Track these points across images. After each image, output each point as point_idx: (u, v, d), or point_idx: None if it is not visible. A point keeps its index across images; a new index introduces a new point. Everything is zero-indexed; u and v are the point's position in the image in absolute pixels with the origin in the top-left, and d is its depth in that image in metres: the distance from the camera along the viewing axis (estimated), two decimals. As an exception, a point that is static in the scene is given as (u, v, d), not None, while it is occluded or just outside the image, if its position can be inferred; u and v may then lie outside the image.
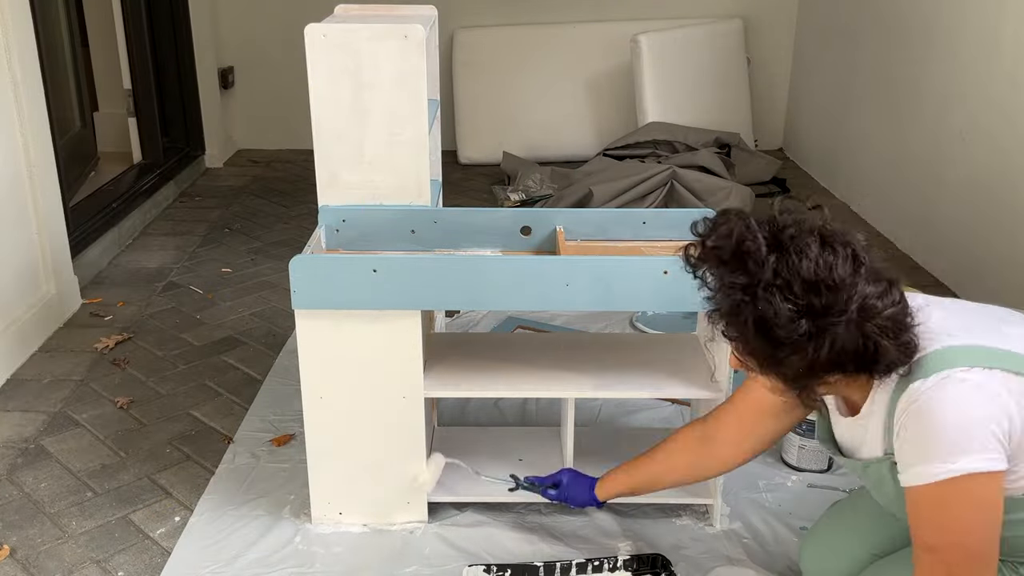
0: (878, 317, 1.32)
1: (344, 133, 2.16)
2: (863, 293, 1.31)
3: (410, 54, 2.09)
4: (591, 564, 1.98)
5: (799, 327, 1.31)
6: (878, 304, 1.32)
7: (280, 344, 3.09)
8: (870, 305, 1.32)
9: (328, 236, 2.23)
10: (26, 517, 2.22)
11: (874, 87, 4.26)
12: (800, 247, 1.32)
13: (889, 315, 1.33)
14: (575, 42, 5.30)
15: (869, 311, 1.32)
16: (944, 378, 1.33)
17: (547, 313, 3.22)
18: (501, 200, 4.53)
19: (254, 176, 5.17)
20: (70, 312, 3.33)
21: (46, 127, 3.19)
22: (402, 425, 2.06)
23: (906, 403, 1.37)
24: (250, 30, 5.41)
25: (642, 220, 2.26)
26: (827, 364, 1.34)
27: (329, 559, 2.05)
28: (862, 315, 1.31)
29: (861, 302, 1.31)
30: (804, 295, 1.30)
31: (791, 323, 1.31)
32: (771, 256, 1.33)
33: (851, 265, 1.32)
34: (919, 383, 1.35)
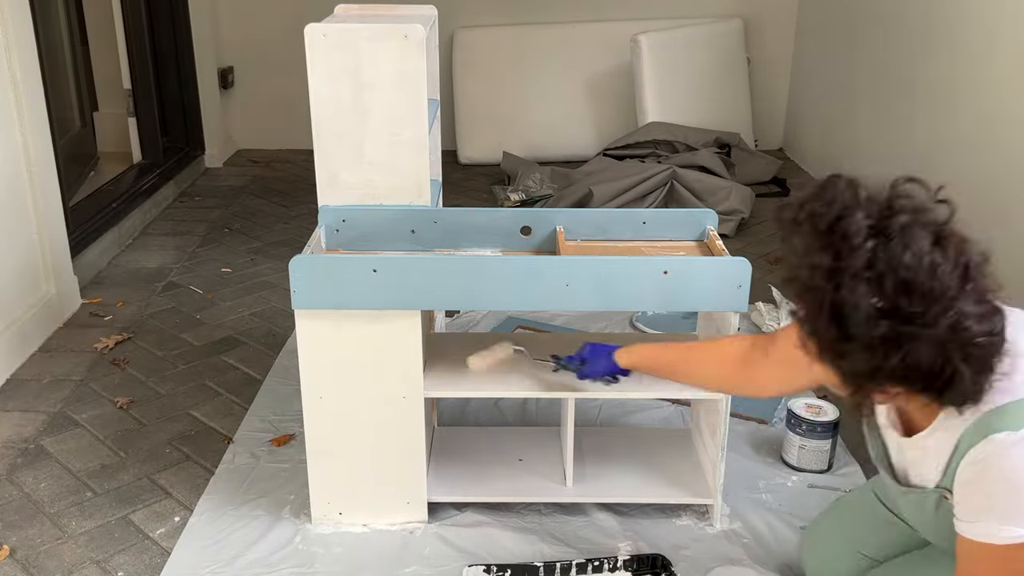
0: (968, 343, 1.18)
1: (344, 133, 2.15)
2: (961, 311, 1.16)
3: (410, 54, 2.09)
4: (591, 564, 1.98)
5: (876, 327, 1.16)
6: (972, 327, 1.17)
7: (280, 344, 3.09)
8: (964, 327, 1.17)
9: (328, 236, 2.23)
10: (26, 517, 2.22)
11: (874, 87, 4.26)
12: (908, 240, 1.16)
13: (981, 344, 1.18)
14: (575, 42, 5.29)
15: (960, 332, 1.17)
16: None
17: (547, 313, 3.22)
18: (501, 200, 4.53)
19: (254, 176, 5.17)
20: (70, 312, 3.33)
21: (46, 127, 3.19)
22: (402, 425, 2.06)
23: (984, 452, 1.26)
24: (250, 30, 5.41)
25: (642, 220, 2.26)
26: (893, 374, 1.20)
27: (329, 559, 2.05)
28: (951, 334, 1.17)
29: (955, 320, 1.16)
30: (894, 294, 1.15)
31: (869, 321, 1.16)
32: (869, 242, 1.16)
33: (958, 276, 1.16)
34: (1005, 435, 1.23)
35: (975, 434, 1.27)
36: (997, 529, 1.25)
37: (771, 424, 2.58)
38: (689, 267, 1.94)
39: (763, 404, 2.65)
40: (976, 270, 1.19)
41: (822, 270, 1.18)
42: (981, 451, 1.26)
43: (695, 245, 2.24)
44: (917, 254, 1.15)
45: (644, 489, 2.18)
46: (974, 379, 1.20)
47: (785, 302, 3.11)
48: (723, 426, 2.05)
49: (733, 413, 2.46)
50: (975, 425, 1.27)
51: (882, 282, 1.15)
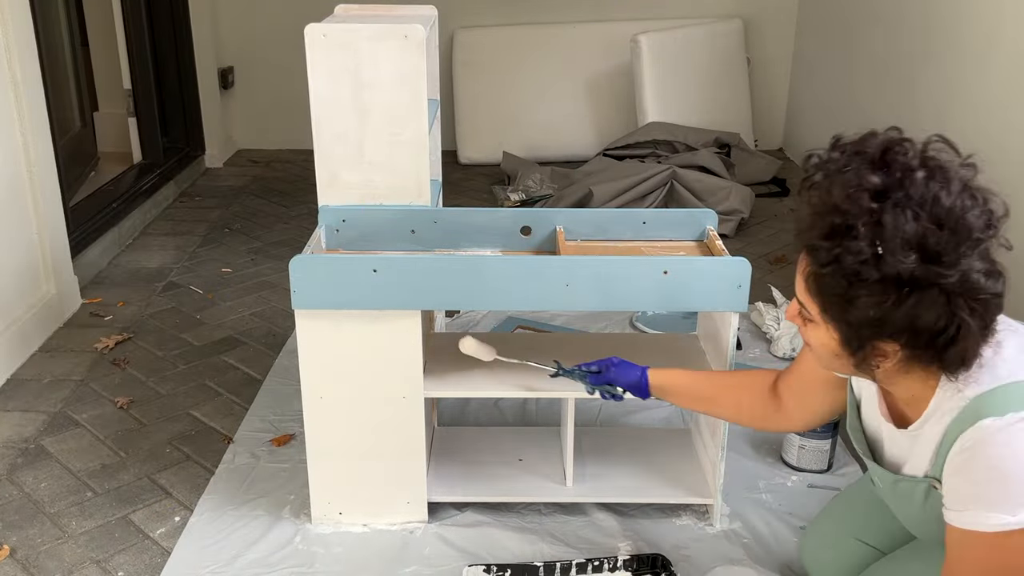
0: (975, 296, 1.19)
1: (344, 133, 2.16)
2: (973, 264, 1.18)
3: (410, 54, 2.09)
4: (591, 564, 1.98)
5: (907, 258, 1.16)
6: (982, 281, 1.19)
7: (280, 344, 3.09)
8: (974, 279, 1.18)
9: (328, 236, 2.23)
10: (26, 517, 2.22)
11: (874, 87, 4.26)
12: (947, 178, 1.19)
13: (986, 300, 1.20)
14: (575, 42, 5.29)
15: (971, 285, 1.18)
16: (1020, 420, 1.23)
17: (547, 313, 3.22)
18: (501, 200, 4.53)
19: (254, 176, 5.17)
20: (70, 312, 3.33)
21: (46, 127, 3.19)
22: (402, 425, 2.06)
23: (972, 439, 1.26)
24: (250, 30, 5.41)
25: (642, 220, 2.26)
26: (898, 325, 1.21)
27: (329, 559, 2.05)
28: (961, 284, 1.18)
29: (967, 271, 1.18)
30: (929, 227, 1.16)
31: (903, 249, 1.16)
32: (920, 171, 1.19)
33: (984, 222, 1.19)
34: (991, 421, 1.24)
35: (963, 421, 1.28)
36: (985, 517, 1.25)
37: (771, 424, 2.58)
38: (689, 267, 1.94)
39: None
40: (998, 220, 1.22)
41: (870, 188, 1.19)
42: (969, 438, 1.27)
43: (695, 245, 2.24)
44: (952, 193, 1.18)
45: (644, 489, 2.18)
46: (976, 337, 1.22)
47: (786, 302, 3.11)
48: (723, 426, 2.05)
49: (733, 413, 2.46)
50: (963, 412, 1.28)
51: (921, 212, 1.17)
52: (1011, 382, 1.25)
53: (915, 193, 1.18)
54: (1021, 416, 1.23)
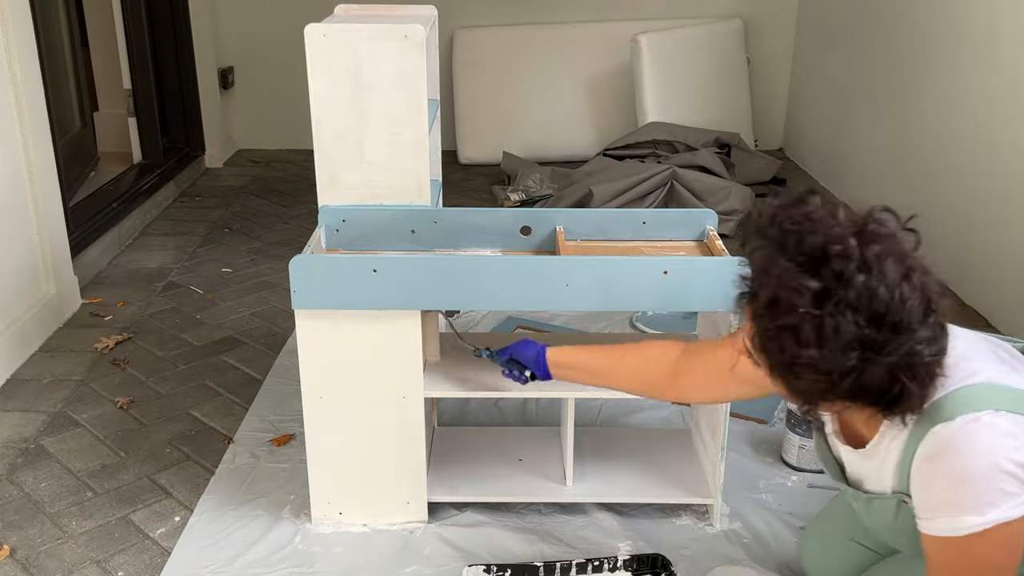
0: (918, 364, 1.21)
1: (344, 133, 2.16)
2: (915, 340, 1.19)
3: (410, 54, 2.09)
4: (591, 564, 1.98)
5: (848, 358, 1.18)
6: (924, 351, 1.20)
7: (280, 344, 3.09)
8: (916, 351, 1.20)
9: (328, 236, 2.23)
10: (26, 517, 2.22)
11: (874, 87, 4.26)
12: (883, 271, 1.18)
13: (929, 363, 1.22)
14: (575, 42, 5.30)
15: (913, 358, 1.20)
16: (970, 422, 1.25)
17: (547, 313, 3.22)
18: (501, 200, 4.53)
19: (254, 176, 5.17)
20: (70, 312, 3.33)
21: (46, 127, 3.19)
22: (402, 425, 2.06)
23: (929, 448, 1.29)
24: (250, 30, 5.41)
25: (642, 220, 2.26)
26: (843, 393, 1.23)
27: (329, 559, 2.05)
28: (905, 359, 1.20)
29: (911, 346, 1.19)
30: (867, 324, 1.18)
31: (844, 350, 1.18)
32: (860, 275, 1.18)
33: (922, 311, 1.19)
34: (941, 427, 1.27)
35: (919, 433, 1.30)
36: (955, 522, 1.26)
37: (771, 424, 2.58)
38: (689, 267, 1.94)
39: (763, 404, 2.65)
40: (936, 303, 1.22)
41: (809, 292, 1.19)
42: (926, 448, 1.29)
43: (695, 245, 2.24)
44: (891, 287, 1.18)
45: (644, 489, 2.18)
46: (919, 394, 1.24)
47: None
48: (723, 426, 2.05)
49: (733, 413, 2.46)
50: (918, 425, 1.30)
51: (860, 315, 1.18)
52: (958, 387, 1.27)
53: (852, 296, 1.17)
54: (970, 417, 1.25)
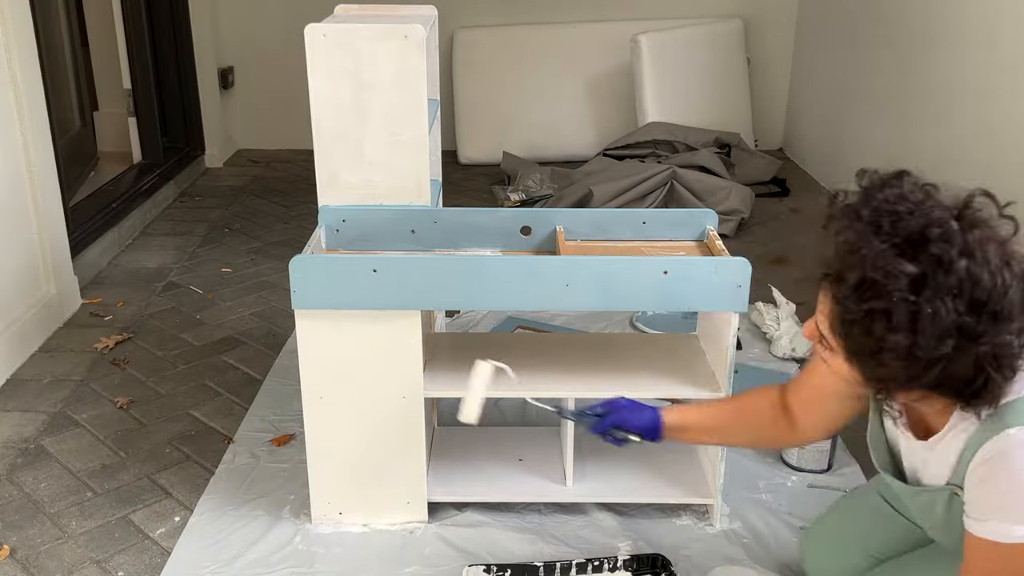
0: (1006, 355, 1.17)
1: (344, 133, 2.15)
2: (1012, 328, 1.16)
3: (410, 54, 2.09)
4: (591, 564, 1.98)
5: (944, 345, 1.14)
6: (1014, 343, 1.17)
7: (280, 344, 3.09)
8: (1007, 342, 1.16)
9: (328, 236, 2.23)
10: (26, 517, 2.22)
11: (874, 87, 4.26)
12: (985, 257, 1.14)
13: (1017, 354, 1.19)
14: (575, 42, 5.29)
15: (1003, 349, 1.17)
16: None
17: (547, 313, 3.22)
18: (501, 200, 4.53)
19: (254, 176, 5.17)
20: (70, 312, 3.33)
21: (46, 127, 3.19)
22: (402, 425, 2.06)
23: (995, 449, 1.25)
24: (250, 30, 5.41)
25: (642, 220, 2.26)
26: (929, 382, 1.19)
27: (329, 559, 2.05)
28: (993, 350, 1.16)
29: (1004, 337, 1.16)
30: (967, 312, 1.13)
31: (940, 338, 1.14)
32: (962, 261, 1.13)
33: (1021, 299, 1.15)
34: (1016, 431, 1.23)
35: (989, 430, 1.26)
36: (1007, 528, 1.24)
37: (771, 424, 2.58)
38: (689, 267, 1.94)
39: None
40: None
41: (907, 278, 1.14)
42: (992, 448, 1.25)
43: (695, 245, 2.24)
44: (993, 274, 1.13)
45: (644, 489, 2.18)
46: (1002, 386, 1.20)
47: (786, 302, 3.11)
48: (723, 426, 2.05)
49: (733, 413, 2.46)
50: (989, 421, 1.26)
51: (960, 301, 1.13)
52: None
53: (953, 282, 1.13)
54: None
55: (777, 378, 2.79)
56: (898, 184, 1.23)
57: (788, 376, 2.79)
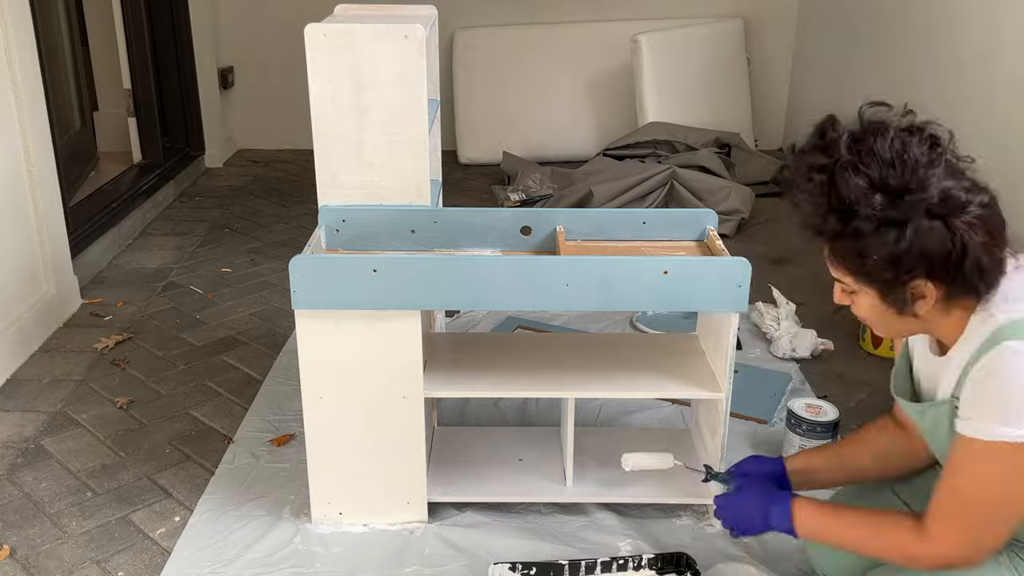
0: (964, 212, 1.32)
1: (344, 133, 2.15)
2: (944, 184, 1.32)
3: (410, 54, 2.09)
4: (616, 563, 1.97)
5: (875, 202, 1.32)
6: (962, 196, 1.32)
7: (280, 344, 3.09)
8: (954, 195, 1.31)
9: (328, 236, 2.23)
10: (26, 517, 2.22)
11: (874, 87, 4.26)
12: (878, 128, 1.36)
13: (978, 214, 1.32)
14: (575, 42, 5.30)
15: (953, 202, 1.31)
16: None
17: (547, 313, 3.22)
18: (501, 200, 4.53)
19: (254, 176, 5.17)
20: (70, 312, 3.33)
21: (46, 127, 3.19)
22: (402, 425, 2.06)
23: (991, 358, 1.34)
24: (250, 30, 5.41)
25: (642, 220, 2.26)
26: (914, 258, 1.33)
27: (329, 559, 2.05)
28: (944, 205, 1.31)
29: (943, 191, 1.31)
30: (880, 171, 1.33)
31: (867, 198, 1.32)
32: (849, 138, 1.38)
33: (928, 147, 1.34)
34: (1014, 343, 1.32)
35: (990, 343, 1.35)
36: (987, 426, 1.33)
37: (771, 424, 2.58)
38: (689, 267, 1.94)
39: (763, 404, 2.65)
40: (944, 141, 1.37)
41: (816, 168, 1.38)
42: (989, 357, 1.34)
43: (695, 245, 2.24)
44: (888, 137, 1.35)
45: (644, 489, 2.18)
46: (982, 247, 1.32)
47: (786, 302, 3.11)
48: (723, 426, 2.05)
49: (733, 413, 2.46)
50: (991, 335, 1.36)
51: (867, 164, 1.34)
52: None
53: (849, 154, 1.36)
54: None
55: (777, 378, 2.80)
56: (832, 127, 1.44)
57: (788, 376, 2.81)
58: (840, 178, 1.35)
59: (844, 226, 1.36)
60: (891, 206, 1.32)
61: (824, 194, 1.37)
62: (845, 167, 1.35)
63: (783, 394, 2.71)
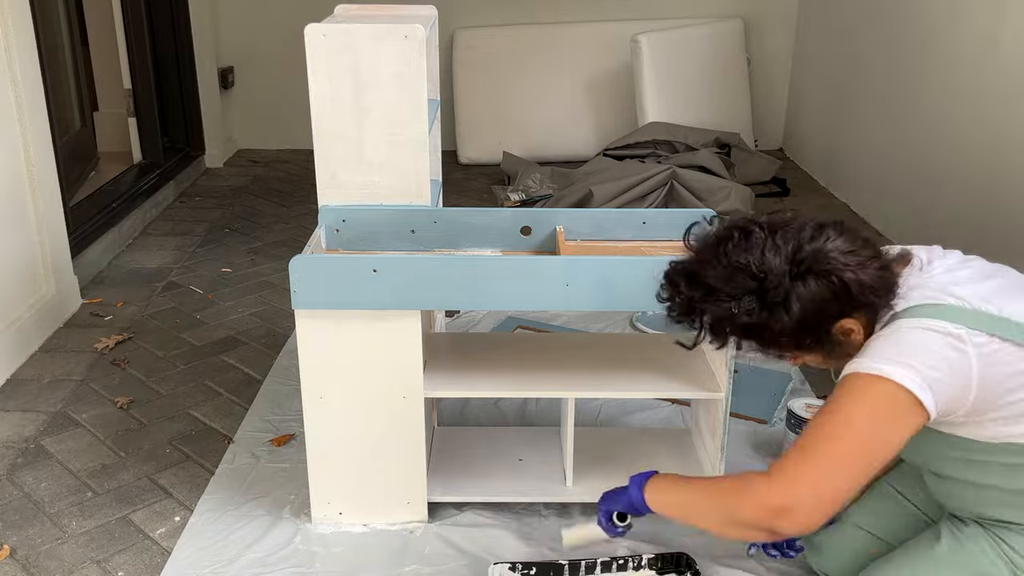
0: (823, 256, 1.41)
1: (344, 133, 2.15)
2: (786, 250, 1.42)
3: (410, 54, 2.09)
4: (616, 563, 1.97)
5: (748, 304, 1.42)
6: (808, 248, 1.41)
7: (280, 344, 3.09)
8: (805, 251, 1.41)
9: (328, 236, 2.23)
10: (26, 517, 2.22)
11: (874, 87, 4.26)
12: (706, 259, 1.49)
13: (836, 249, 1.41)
14: (575, 42, 5.30)
15: (804, 255, 1.41)
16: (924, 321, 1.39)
17: (547, 313, 3.22)
18: (501, 200, 4.53)
19: (254, 176, 5.17)
20: (70, 312, 3.33)
21: (46, 127, 3.19)
22: (402, 425, 2.06)
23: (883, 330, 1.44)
24: (250, 30, 5.41)
25: (642, 220, 2.26)
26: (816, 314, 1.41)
27: (329, 559, 2.05)
28: (800, 263, 1.41)
29: (789, 256, 1.41)
30: (729, 285, 1.43)
31: (741, 305, 1.42)
32: (686, 278, 1.51)
33: (754, 234, 1.44)
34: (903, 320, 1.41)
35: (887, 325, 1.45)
36: (856, 362, 1.41)
37: (771, 424, 2.58)
38: (689, 267, 1.94)
39: (763, 404, 2.65)
40: (761, 222, 1.48)
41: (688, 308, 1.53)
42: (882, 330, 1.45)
43: (695, 245, 2.24)
44: (717, 262, 1.46)
45: (644, 489, 2.17)
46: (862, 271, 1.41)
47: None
48: (723, 426, 2.05)
49: (733, 413, 2.47)
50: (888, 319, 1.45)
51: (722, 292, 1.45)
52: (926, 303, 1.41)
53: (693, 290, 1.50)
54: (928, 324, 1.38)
55: (777, 378, 2.79)
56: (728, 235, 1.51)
57: (788, 376, 2.81)
58: (711, 307, 1.46)
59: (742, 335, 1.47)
60: (761, 296, 1.41)
61: (711, 322, 1.48)
62: (705, 299, 1.46)
63: (783, 394, 2.71)
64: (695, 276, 1.48)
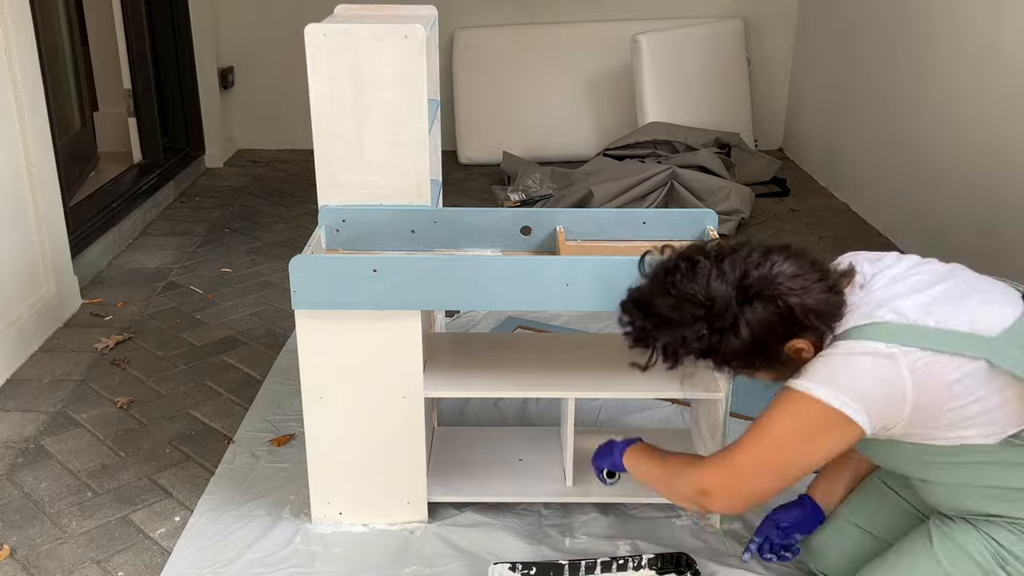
0: (770, 281, 1.46)
1: (344, 133, 2.15)
2: (733, 277, 1.47)
3: (410, 54, 2.09)
4: (616, 563, 1.97)
5: (699, 330, 1.49)
6: (754, 273, 1.47)
7: (280, 344, 3.09)
8: (751, 277, 1.47)
9: (328, 236, 2.23)
10: (26, 517, 2.22)
11: (874, 87, 4.26)
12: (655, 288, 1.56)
13: (781, 273, 1.47)
14: (575, 42, 5.30)
15: (751, 281, 1.46)
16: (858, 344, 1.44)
17: (547, 313, 3.22)
18: (501, 200, 4.53)
19: (254, 176, 5.17)
20: (70, 312, 3.33)
21: (46, 127, 3.19)
22: (402, 425, 2.07)
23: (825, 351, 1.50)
24: (250, 30, 5.41)
25: (642, 220, 2.27)
26: (764, 336, 1.47)
27: (329, 559, 2.05)
28: (747, 290, 1.46)
29: (735, 283, 1.47)
30: (679, 312, 1.50)
31: (693, 330, 1.49)
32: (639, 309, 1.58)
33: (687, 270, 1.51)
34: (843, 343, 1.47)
35: None
36: (799, 381, 1.48)
37: (771, 424, 2.58)
38: (689, 267, 1.94)
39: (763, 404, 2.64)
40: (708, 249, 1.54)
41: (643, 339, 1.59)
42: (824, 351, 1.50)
43: (695, 245, 2.24)
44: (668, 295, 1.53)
45: (644, 489, 2.18)
46: (806, 293, 1.46)
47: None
48: (723, 426, 2.05)
49: (733, 413, 2.46)
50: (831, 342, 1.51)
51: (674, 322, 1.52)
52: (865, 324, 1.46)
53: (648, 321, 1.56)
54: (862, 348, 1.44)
55: (777, 378, 2.79)
56: None
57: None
58: (662, 334, 1.52)
59: (697, 357, 1.54)
60: (710, 322, 1.48)
61: (663, 347, 1.54)
62: (657, 327, 1.53)
63: (783, 394, 2.71)
64: (647, 306, 1.55)
